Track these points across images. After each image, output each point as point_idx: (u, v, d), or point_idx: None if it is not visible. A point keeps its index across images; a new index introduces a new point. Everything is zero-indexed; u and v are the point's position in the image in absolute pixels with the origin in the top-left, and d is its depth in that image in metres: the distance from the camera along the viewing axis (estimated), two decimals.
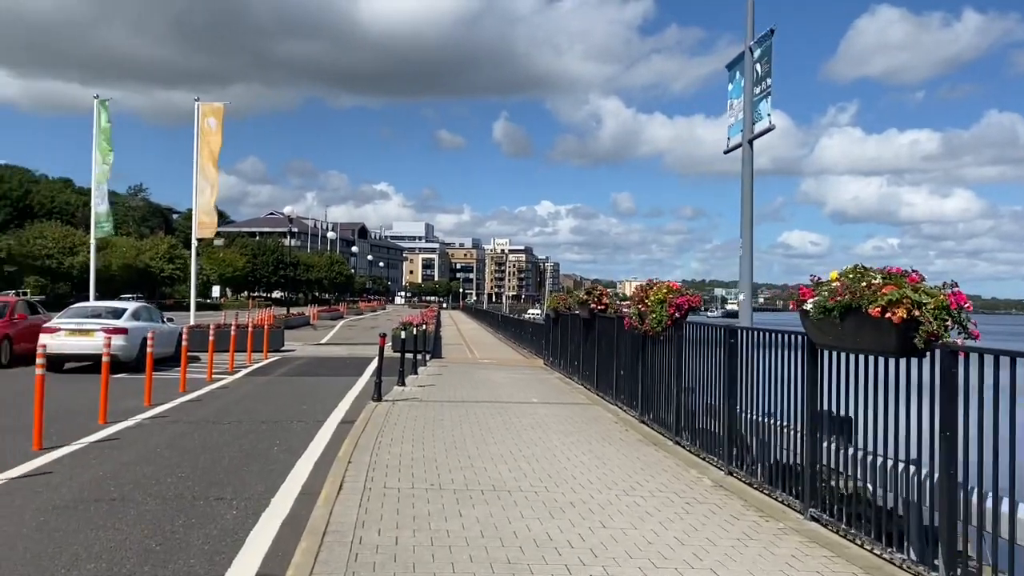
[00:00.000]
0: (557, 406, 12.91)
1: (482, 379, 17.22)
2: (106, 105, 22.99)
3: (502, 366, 21.51)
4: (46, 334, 16.89)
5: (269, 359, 21.07)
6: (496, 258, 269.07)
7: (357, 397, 13.75)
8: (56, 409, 11.59)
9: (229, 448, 8.99)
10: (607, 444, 9.45)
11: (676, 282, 10.32)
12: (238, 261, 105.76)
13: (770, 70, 9.27)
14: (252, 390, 14.58)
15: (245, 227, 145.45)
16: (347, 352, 23.65)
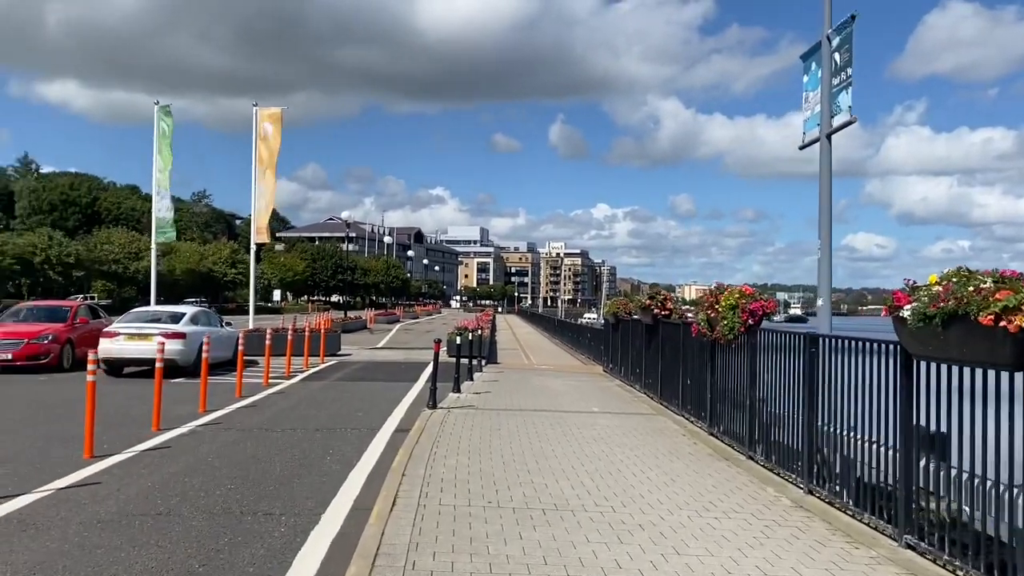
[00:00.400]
0: (620, 416, 12.39)
1: (540, 386, 16.77)
2: (167, 112, 23.20)
3: (560, 372, 21.04)
4: (106, 339, 17.00)
5: (326, 363, 20.94)
6: (551, 262, 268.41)
7: (412, 404, 13.43)
8: (112, 415, 11.51)
9: (281, 457, 8.70)
10: (676, 458, 8.91)
11: (748, 286, 9.74)
12: (298, 266, 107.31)
13: (850, 59, 8.64)
14: (308, 395, 14.37)
15: (305, 232, 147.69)
16: (403, 357, 23.44)
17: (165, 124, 23.01)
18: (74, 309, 19.47)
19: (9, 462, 8.24)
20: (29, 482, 7.31)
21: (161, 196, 22.79)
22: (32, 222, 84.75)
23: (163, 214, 22.88)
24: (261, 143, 22.63)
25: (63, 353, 18.13)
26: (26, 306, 20.67)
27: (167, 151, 22.87)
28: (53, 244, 66.48)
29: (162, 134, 22.69)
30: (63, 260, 66.39)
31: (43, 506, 6.53)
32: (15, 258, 62.19)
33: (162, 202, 22.90)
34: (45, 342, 17.73)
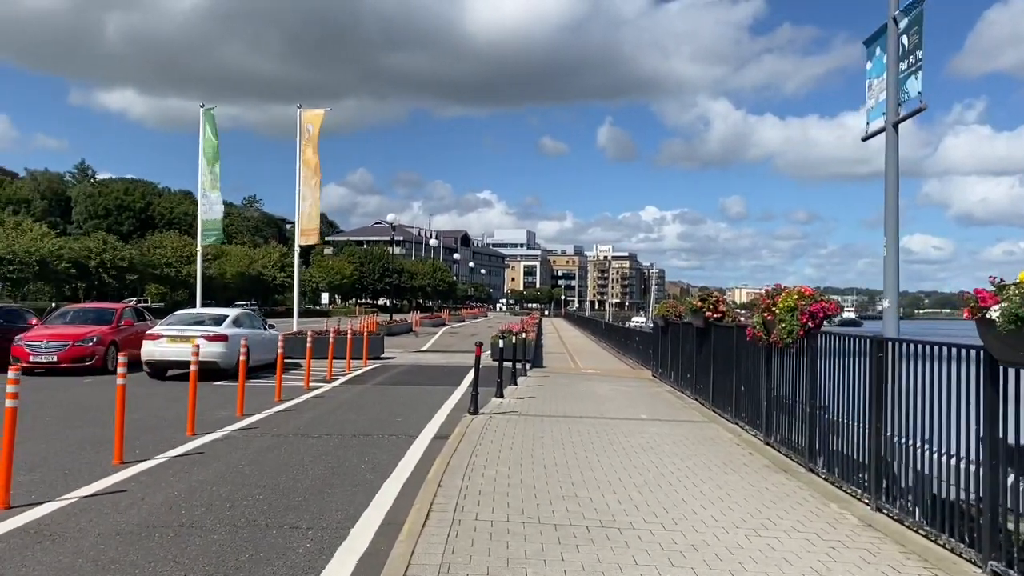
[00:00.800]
0: (669, 423, 11.83)
1: (586, 391, 16.27)
2: (211, 115, 23.22)
3: (607, 377, 20.49)
4: (149, 341, 16.96)
5: (369, 366, 20.69)
6: (599, 265, 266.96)
7: (453, 409, 13.03)
8: (148, 419, 11.33)
9: (314, 465, 8.35)
10: (730, 470, 8.35)
11: (808, 287, 9.14)
12: (346, 269, 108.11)
13: (920, 41, 8.01)
14: (347, 399, 14.08)
15: (353, 236, 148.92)
16: (446, 360, 23.10)
17: (210, 128, 23.06)
18: (119, 311, 19.51)
19: (39, 468, 8.03)
20: (54, 489, 7.07)
21: (207, 199, 22.81)
22: (88, 227, 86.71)
23: (209, 216, 22.89)
24: (305, 145, 22.51)
25: (108, 355, 18.13)
26: (73, 308, 20.80)
27: (212, 154, 22.89)
28: (107, 248, 67.76)
29: (207, 137, 22.71)
30: (117, 264, 67.62)
31: (63, 516, 6.25)
32: (71, 262, 63.47)
33: (208, 205, 22.92)
34: (90, 344, 17.75)
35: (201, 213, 22.88)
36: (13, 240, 57.95)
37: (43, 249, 59.75)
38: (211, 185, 22.74)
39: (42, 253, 59.25)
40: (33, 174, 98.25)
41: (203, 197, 22.78)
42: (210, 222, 23.03)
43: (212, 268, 79.55)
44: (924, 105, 8.00)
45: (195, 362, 10.53)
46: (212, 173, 22.65)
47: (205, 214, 22.83)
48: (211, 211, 22.96)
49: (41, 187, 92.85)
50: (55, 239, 64.02)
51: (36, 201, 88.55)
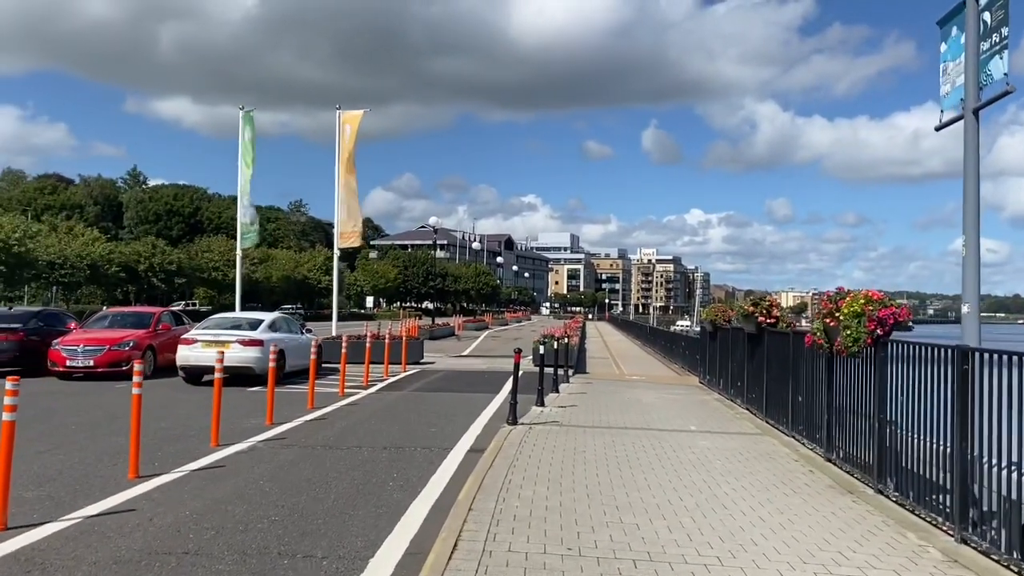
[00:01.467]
0: (721, 436, 11.07)
1: (631, 399, 15.54)
2: (251, 117, 22.97)
3: (653, 384, 19.72)
4: (184, 346, 16.67)
5: (407, 372, 20.22)
6: (642, 268, 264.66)
7: (492, 418, 12.43)
8: (174, 427, 10.93)
9: (339, 482, 7.80)
10: (791, 492, 7.60)
11: (876, 291, 8.34)
12: (390, 272, 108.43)
13: (1006, 17, 7.20)
14: (382, 407, 13.56)
15: (398, 240, 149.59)
16: (487, 365, 22.52)
17: (250, 130, 22.80)
18: (157, 315, 19.30)
19: (50, 482, 7.60)
20: (60, 508, 6.61)
21: (244, 201, 22.57)
22: (139, 231, 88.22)
23: (247, 219, 22.64)
24: (344, 147, 22.16)
25: (144, 360, 17.88)
26: (112, 312, 20.68)
27: (249, 156, 22.63)
28: (156, 252, 68.68)
29: (246, 140, 22.47)
30: (165, 268, 68.50)
31: (62, 539, 5.77)
32: (120, 266, 64.42)
33: (246, 207, 22.67)
34: (126, 349, 17.53)
35: (240, 215, 22.65)
36: (65, 244, 58.97)
37: (94, 253, 60.73)
38: (244, 190, 22.47)
39: (93, 257, 60.21)
40: (86, 180, 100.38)
41: (241, 199, 22.55)
42: (247, 224, 22.78)
43: (258, 272, 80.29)
44: (1011, 88, 7.18)
45: (219, 369, 10.07)
46: (249, 175, 22.40)
47: (244, 216, 22.60)
48: (248, 213, 22.70)
49: (94, 193, 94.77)
50: (105, 244, 65.06)
51: (89, 207, 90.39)
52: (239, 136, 22.68)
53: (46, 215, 75.98)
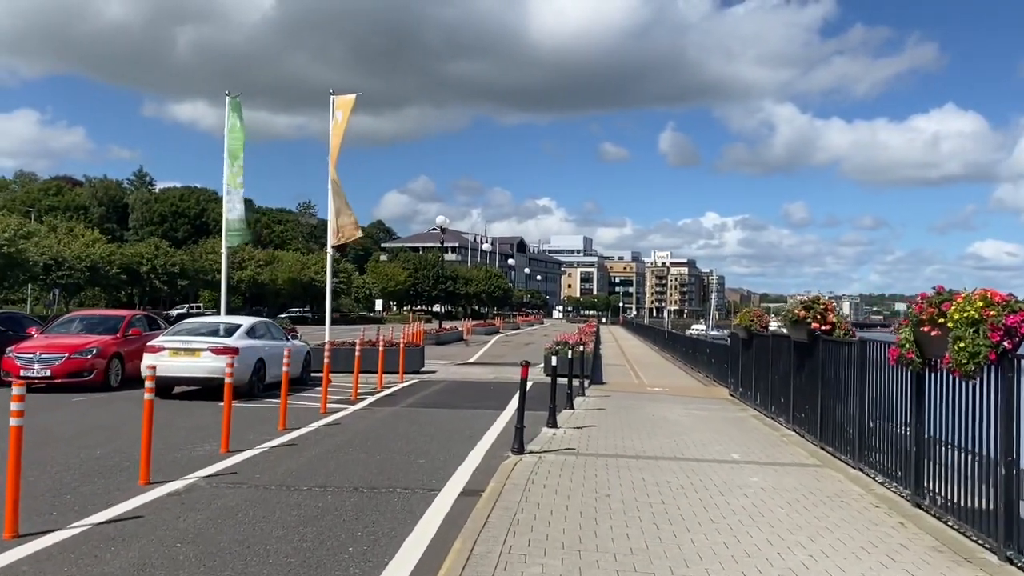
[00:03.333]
0: (772, 469, 9.05)
1: (656, 417, 13.52)
2: (238, 104, 21.05)
3: (678, 397, 17.69)
4: (149, 354, 14.77)
5: (405, 382, 18.25)
6: (657, 271, 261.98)
7: (495, 444, 10.44)
8: (109, 456, 9.05)
9: (280, 547, 5.82)
10: (888, 560, 5.59)
11: (997, 291, 6.31)
12: (400, 275, 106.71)
13: None
14: (365, 429, 11.59)
15: (409, 243, 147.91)
16: (493, 375, 20.51)
17: (237, 118, 20.87)
18: (127, 319, 17.43)
19: None
20: None
21: (231, 196, 20.62)
22: (144, 233, 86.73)
23: (234, 215, 20.68)
24: (334, 135, 20.26)
25: (110, 369, 16.05)
26: (78, 315, 18.83)
27: (238, 147, 20.71)
28: (159, 254, 67.13)
29: (232, 129, 20.54)
30: (168, 270, 66.93)
31: None
32: (122, 268, 62.86)
33: (232, 203, 20.74)
34: (88, 357, 15.68)
35: (226, 212, 20.74)
36: (64, 246, 57.42)
37: (94, 255, 59.17)
38: (234, 182, 20.53)
39: (93, 259, 58.64)
40: (91, 181, 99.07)
41: (227, 195, 20.61)
42: (233, 221, 20.82)
43: (264, 274, 78.68)
44: None
45: (149, 389, 8.12)
46: (235, 168, 20.46)
47: (230, 212, 20.65)
48: (234, 210, 20.73)
49: (99, 194, 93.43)
50: (106, 245, 63.53)
51: (94, 208, 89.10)
52: (225, 125, 20.79)
53: (50, 216, 74.60)
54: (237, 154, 20.78)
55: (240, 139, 20.94)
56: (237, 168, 20.65)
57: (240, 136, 20.96)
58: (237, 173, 20.60)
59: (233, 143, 20.73)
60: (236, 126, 20.87)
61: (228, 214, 20.89)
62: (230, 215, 20.89)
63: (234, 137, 20.78)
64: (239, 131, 20.94)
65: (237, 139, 20.86)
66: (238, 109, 21.06)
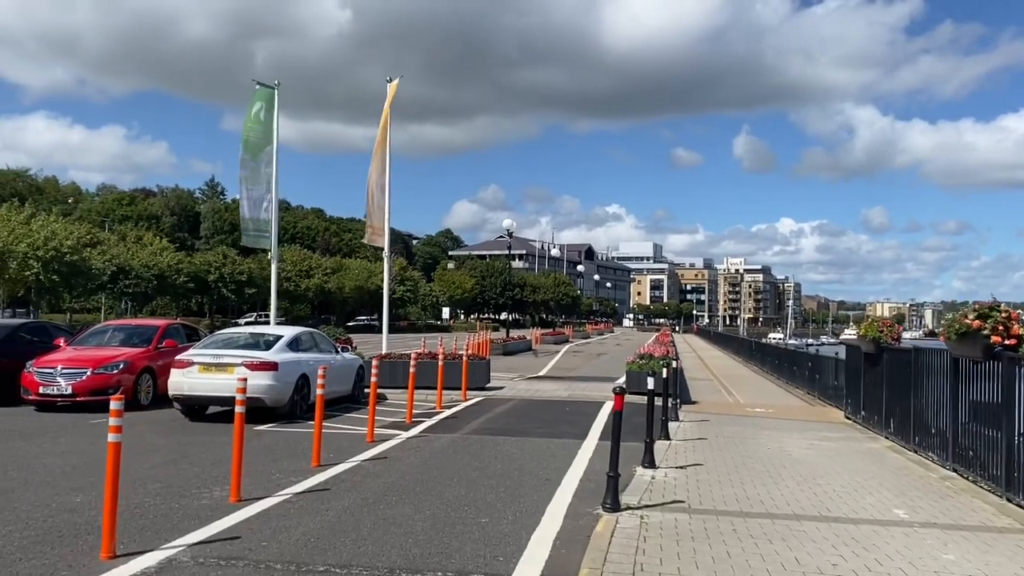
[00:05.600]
0: (963, 537, 6.53)
1: (773, 450, 11.04)
2: (268, 94, 18.93)
3: (785, 420, 15.09)
4: (177, 369, 12.95)
5: (469, 400, 16.08)
6: (729, 278, 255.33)
7: (578, 492, 8.13)
8: (86, 507, 7.03)
9: None
10: None
11: None
12: (467, 283, 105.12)
13: None
14: (417, 466, 9.42)
15: (476, 250, 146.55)
16: (568, 392, 18.16)
17: (264, 108, 18.69)
18: (161, 330, 15.69)
19: None
20: None
21: (253, 192, 18.49)
22: (215, 242, 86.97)
23: (253, 214, 18.49)
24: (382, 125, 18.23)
25: (139, 385, 14.32)
26: (111, 325, 17.16)
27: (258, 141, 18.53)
28: (227, 262, 66.70)
29: (255, 118, 18.42)
30: (236, 278, 66.41)
31: None
32: (190, 276, 62.55)
33: (252, 201, 18.55)
34: (114, 372, 13.96)
35: (242, 211, 18.63)
36: (132, 254, 57.25)
37: (161, 263, 58.89)
38: (253, 179, 18.38)
39: (160, 267, 58.36)
40: (163, 191, 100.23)
41: (247, 192, 18.43)
42: (256, 220, 18.66)
43: (331, 282, 77.85)
44: None
45: (114, 415, 6.07)
46: (255, 163, 18.29)
47: (247, 211, 18.46)
48: (255, 208, 18.57)
49: (171, 204, 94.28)
50: (174, 253, 63.32)
51: (166, 217, 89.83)
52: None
53: (123, 226, 75.20)
54: (258, 149, 18.68)
55: (268, 133, 18.89)
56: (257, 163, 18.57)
57: (267, 129, 18.88)
58: (256, 169, 18.53)
59: (256, 136, 18.70)
60: (261, 118, 18.79)
61: (246, 213, 18.80)
62: (246, 214, 18.80)
63: (257, 129, 18.72)
64: (264, 123, 18.83)
65: (262, 132, 18.81)
66: (268, 99, 19.00)
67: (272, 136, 18.72)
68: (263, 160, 18.48)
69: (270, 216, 18.72)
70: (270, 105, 18.72)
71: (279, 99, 18.92)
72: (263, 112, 18.57)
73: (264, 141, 18.60)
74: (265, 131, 18.65)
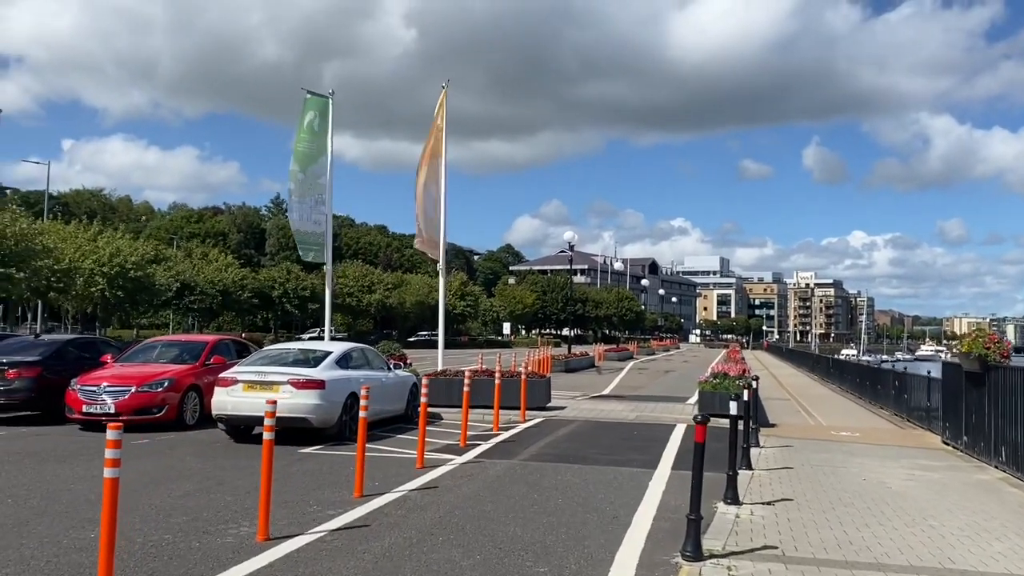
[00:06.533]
0: None
1: (870, 483, 9.80)
2: (322, 103, 18.38)
3: (876, 446, 13.73)
4: (221, 387, 12.29)
5: (528, 422, 15.11)
6: (800, 293, 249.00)
7: (651, 533, 7.08)
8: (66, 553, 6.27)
9: None
10: None
11: None
12: (528, 298, 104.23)
13: None
14: (468, 498, 8.48)
15: (537, 265, 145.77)
16: (635, 413, 17.02)
17: (316, 118, 18.16)
18: (209, 346, 15.11)
19: None
20: None
21: (304, 204, 17.92)
22: (280, 258, 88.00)
23: (306, 227, 17.92)
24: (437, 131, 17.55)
25: (184, 404, 13.73)
26: (160, 341, 16.73)
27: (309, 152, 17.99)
28: (291, 278, 67.15)
29: (308, 129, 17.90)
30: (299, 293, 66.78)
31: None
32: (254, 292, 63.10)
33: (303, 213, 17.99)
34: (159, 390, 13.39)
35: (292, 222, 18.12)
36: (197, 271, 57.95)
37: (226, 279, 59.49)
38: (305, 191, 17.82)
39: (225, 283, 58.94)
40: (230, 208, 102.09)
41: (298, 203, 17.86)
42: (308, 234, 18.11)
43: (392, 297, 77.87)
44: None
45: (110, 445, 5.24)
46: (307, 175, 17.75)
47: (299, 224, 17.91)
48: (305, 222, 18.00)
49: (237, 221, 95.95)
50: (238, 269, 63.98)
51: (232, 234, 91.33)
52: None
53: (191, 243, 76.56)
54: (309, 160, 18.14)
55: (322, 144, 18.34)
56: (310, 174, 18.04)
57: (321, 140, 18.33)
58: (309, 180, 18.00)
59: (308, 147, 18.17)
60: (315, 128, 18.27)
61: (297, 225, 18.25)
62: (298, 226, 18.25)
63: (310, 140, 18.19)
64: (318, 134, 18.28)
65: (315, 143, 18.27)
66: (321, 109, 18.46)
67: (326, 147, 18.20)
68: (317, 171, 17.99)
69: (322, 229, 18.15)
70: (324, 115, 18.21)
71: (335, 111, 18.40)
72: (316, 122, 18.06)
73: (317, 152, 18.08)
74: (319, 142, 18.13)
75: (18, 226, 30.05)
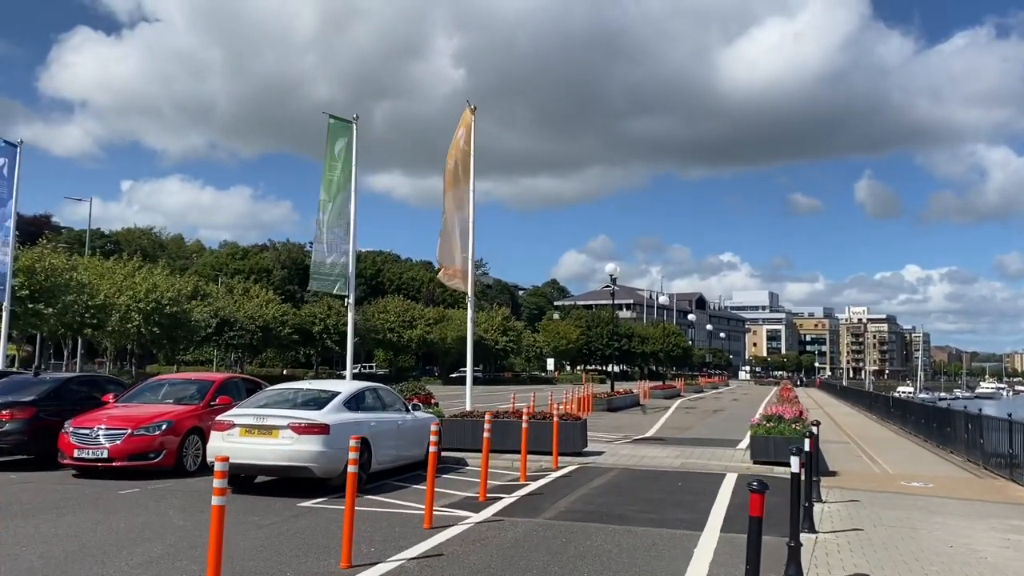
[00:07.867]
0: None
1: (957, 550, 8.22)
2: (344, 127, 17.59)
3: (954, 500, 12.03)
4: (217, 432, 11.18)
5: (560, 470, 13.71)
6: (852, 328, 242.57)
7: None
8: None
9: None
10: None
11: None
12: (572, 333, 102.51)
13: None
14: (474, 573, 7.13)
15: (581, 300, 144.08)
16: (680, 460, 15.46)
17: (342, 146, 17.43)
18: (216, 385, 14.05)
19: None
20: None
21: (327, 238, 17.09)
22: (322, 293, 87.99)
23: (331, 258, 17.10)
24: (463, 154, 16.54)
25: (184, 448, 12.67)
26: (167, 379, 15.75)
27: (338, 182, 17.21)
28: (331, 313, 66.66)
29: (338, 156, 17.20)
30: (340, 329, 66.18)
31: None
32: (295, 328, 62.67)
33: (326, 246, 17.17)
34: (156, 433, 12.34)
35: (315, 253, 17.33)
36: (238, 307, 57.68)
37: (266, 315, 59.12)
38: (334, 221, 17.07)
39: (265, 319, 58.56)
40: (275, 244, 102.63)
41: (327, 234, 17.07)
42: (335, 266, 17.28)
43: (433, 333, 76.93)
44: None
45: None
46: (336, 204, 17.03)
47: (321, 254, 17.14)
48: (333, 251, 17.16)
49: (281, 257, 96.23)
50: (279, 305, 63.66)
51: (276, 270, 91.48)
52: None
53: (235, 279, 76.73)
54: (343, 187, 17.38)
55: (349, 170, 17.52)
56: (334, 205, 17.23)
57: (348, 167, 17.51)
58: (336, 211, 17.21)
59: (337, 175, 17.36)
60: (343, 155, 17.50)
61: (318, 256, 17.44)
62: (319, 257, 17.42)
63: (339, 167, 17.40)
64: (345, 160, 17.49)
65: (345, 170, 17.46)
66: (345, 134, 17.64)
67: (351, 173, 17.43)
68: (344, 199, 17.29)
69: (347, 259, 17.40)
70: (350, 141, 17.46)
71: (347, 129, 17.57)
72: (344, 150, 17.33)
73: (345, 179, 17.38)
74: (346, 170, 17.42)
75: (47, 261, 29.75)
